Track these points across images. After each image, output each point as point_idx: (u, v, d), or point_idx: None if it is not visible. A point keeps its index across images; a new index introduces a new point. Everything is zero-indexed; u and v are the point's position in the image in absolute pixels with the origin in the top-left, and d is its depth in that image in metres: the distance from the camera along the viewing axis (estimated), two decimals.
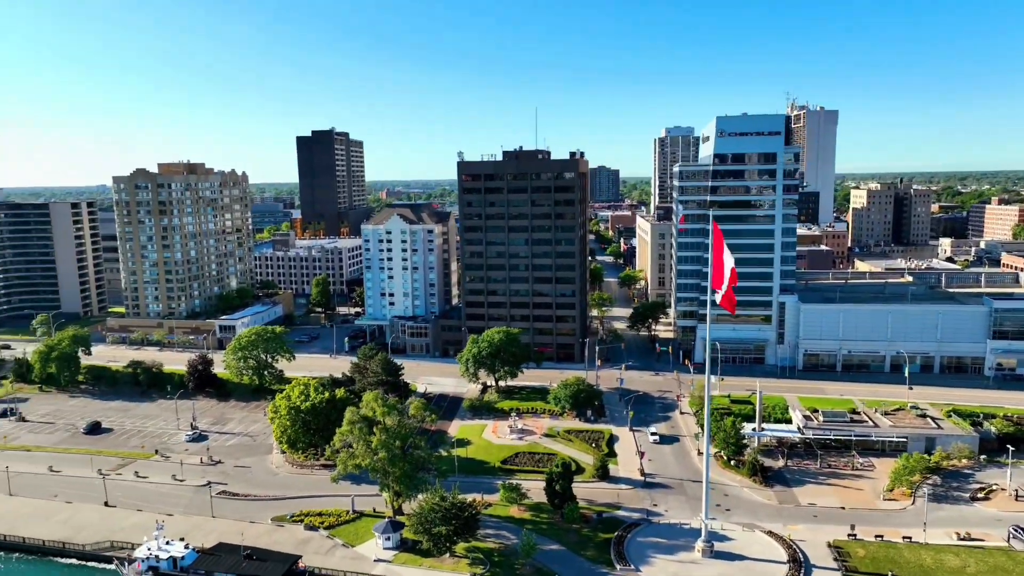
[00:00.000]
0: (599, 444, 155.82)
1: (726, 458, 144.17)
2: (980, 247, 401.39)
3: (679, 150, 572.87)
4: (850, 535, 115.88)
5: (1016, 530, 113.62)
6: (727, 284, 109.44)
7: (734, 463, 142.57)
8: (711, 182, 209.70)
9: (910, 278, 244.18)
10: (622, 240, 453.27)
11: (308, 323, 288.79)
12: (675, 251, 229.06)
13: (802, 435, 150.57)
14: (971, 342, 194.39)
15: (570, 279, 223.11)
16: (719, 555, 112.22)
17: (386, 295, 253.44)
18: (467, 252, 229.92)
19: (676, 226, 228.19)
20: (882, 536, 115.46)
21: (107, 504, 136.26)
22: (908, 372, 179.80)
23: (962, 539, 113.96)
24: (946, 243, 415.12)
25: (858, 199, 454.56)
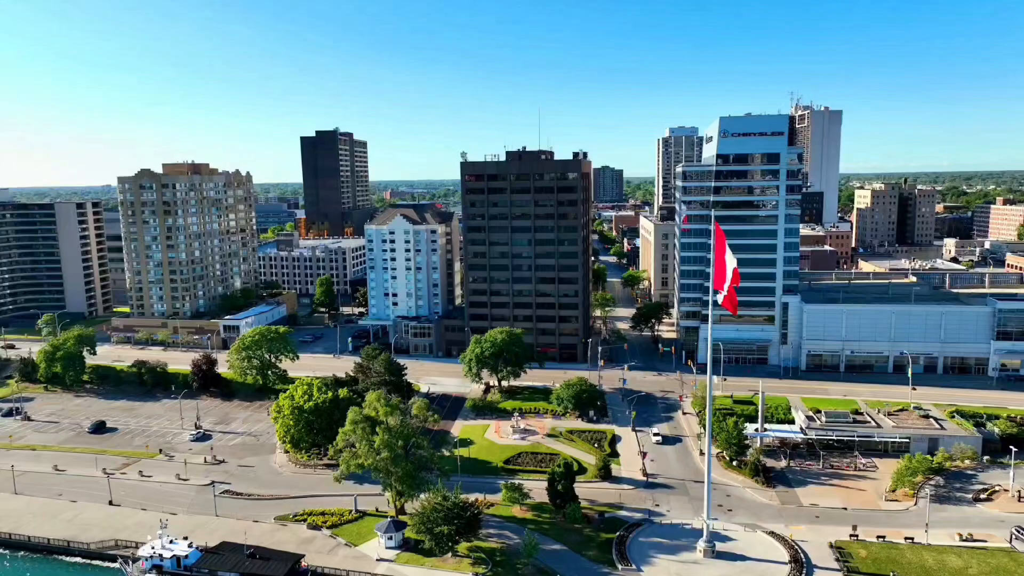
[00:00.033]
0: (601, 444, 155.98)
1: (728, 458, 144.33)
2: (985, 247, 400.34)
3: (682, 150, 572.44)
4: (852, 536, 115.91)
5: (1019, 531, 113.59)
6: (729, 285, 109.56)
7: (736, 463, 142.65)
8: (714, 182, 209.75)
9: (914, 278, 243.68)
10: (625, 240, 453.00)
11: (312, 323, 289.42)
12: (678, 251, 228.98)
13: (805, 436, 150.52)
14: (975, 343, 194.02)
15: (573, 279, 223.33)
16: (721, 555, 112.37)
17: (389, 295, 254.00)
18: (470, 252, 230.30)
19: (679, 226, 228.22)
20: (884, 537, 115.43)
21: (111, 503, 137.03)
22: (911, 373, 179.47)
23: (964, 540, 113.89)
24: (951, 243, 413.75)
25: (862, 199, 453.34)
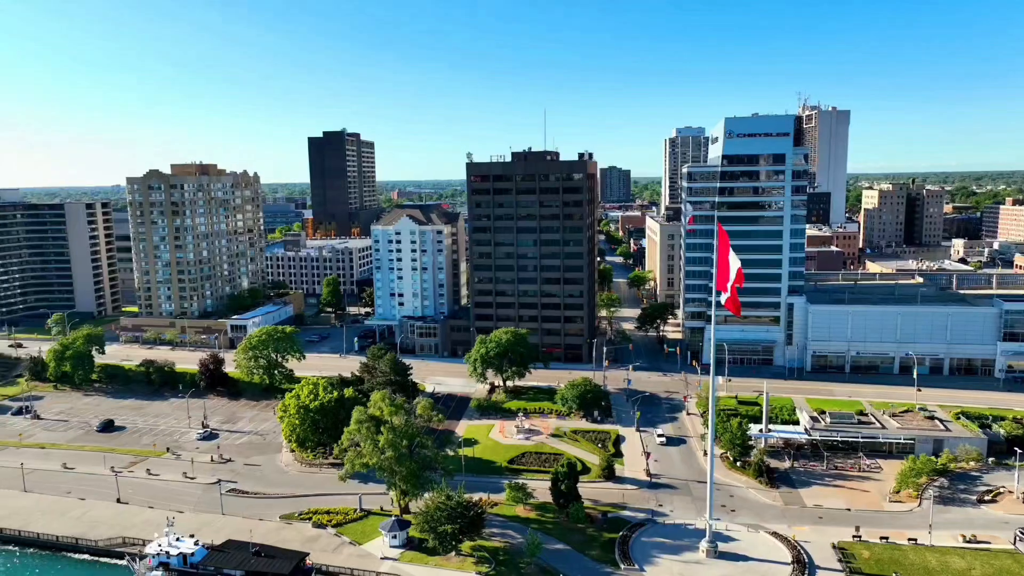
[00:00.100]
0: (605, 444, 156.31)
1: (732, 459, 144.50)
2: (993, 248, 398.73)
3: (689, 150, 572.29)
4: (855, 537, 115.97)
5: (1023, 533, 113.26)
6: (732, 286, 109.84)
7: (740, 464, 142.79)
8: (720, 183, 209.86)
9: (921, 279, 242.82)
10: (632, 241, 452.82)
11: (318, 323, 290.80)
12: (684, 252, 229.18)
13: (809, 436, 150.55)
14: (981, 344, 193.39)
15: (578, 280, 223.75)
16: (723, 555, 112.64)
17: (395, 295, 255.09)
18: (476, 253, 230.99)
19: (685, 227, 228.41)
20: (887, 538, 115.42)
21: (119, 501, 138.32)
22: (916, 374, 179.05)
23: (968, 541, 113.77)
24: (959, 244, 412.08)
25: (870, 200, 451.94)
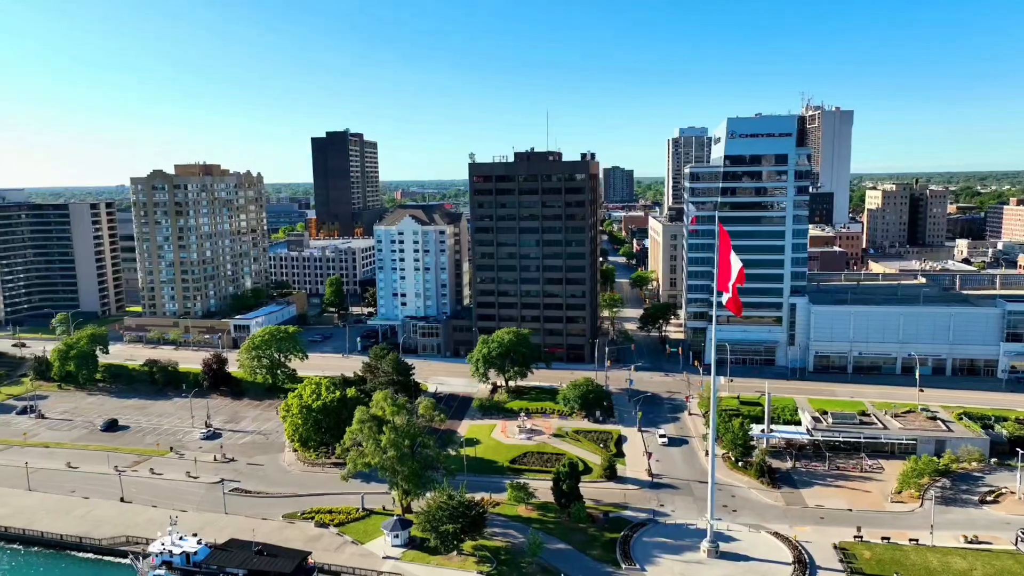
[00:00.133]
0: (607, 444, 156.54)
1: (734, 459, 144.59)
2: (997, 248, 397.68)
3: (692, 151, 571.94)
4: (856, 537, 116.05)
5: None
6: (733, 286, 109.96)
7: (742, 464, 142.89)
8: (722, 183, 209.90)
9: (924, 280, 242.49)
10: (635, 241, 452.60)
11: (321, 323, 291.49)
12: (686, 252, 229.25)
13: (811, 437, 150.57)
14: (984, 344, 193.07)
15: (580, 280, 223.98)
16: (724, 555, 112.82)
17: (398, 295, 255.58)
18: (478, 253, 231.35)
19: (687, 227, 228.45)
20: (888, 538, 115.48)
21: (123, 500, 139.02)
22: (919, 374, 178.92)
23: (969, 542, 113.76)
24: (963, 244, 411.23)
25: (873, 200, 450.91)
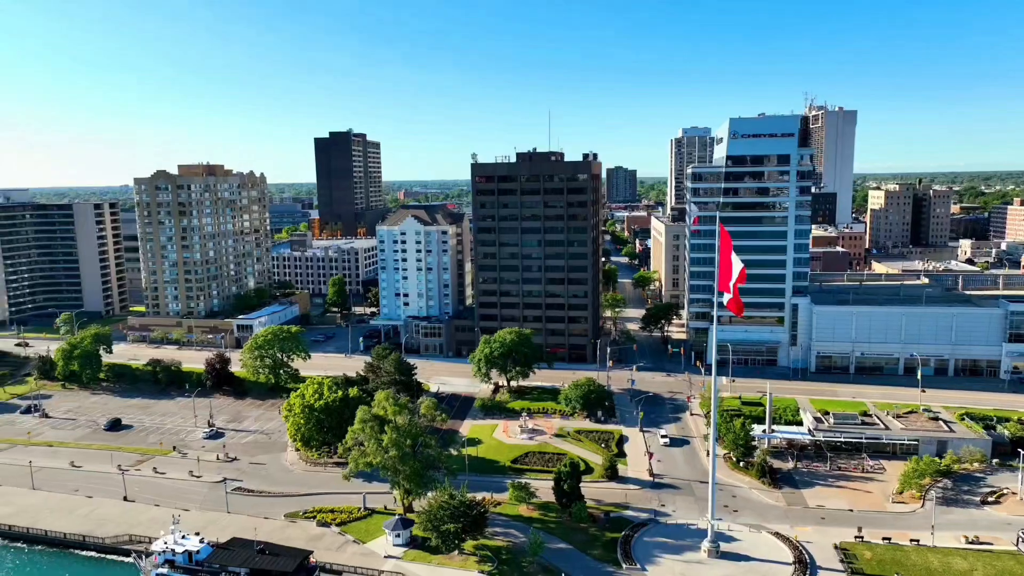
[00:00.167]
0: (609, 444, 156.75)
1: (735, 459, 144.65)
2: (1001, 249, 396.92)
3: (695, 151, 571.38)
4: (857, 537, 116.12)
5: None
6: (734, 288, 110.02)
7: (743, 464, 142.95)
8: (724, 183, 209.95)
9: (926, 280, 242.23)
10: (637, 241, 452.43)
11: (324, 323, 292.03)
12: (688, 252, 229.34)
13: (812, 437, 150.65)
14: (986, 345, 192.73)
15: (583, 280, 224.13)
16: (725, 555, 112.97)
17: (401, 295, 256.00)
18: (480, 253, 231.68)
19: (690, 227, 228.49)
20: (889, 538, 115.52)
21: (126, 499, 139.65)
22: (921, 375, 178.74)
23: (970, 543, 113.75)
24: (966, 244, 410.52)
25: (876, 200, 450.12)
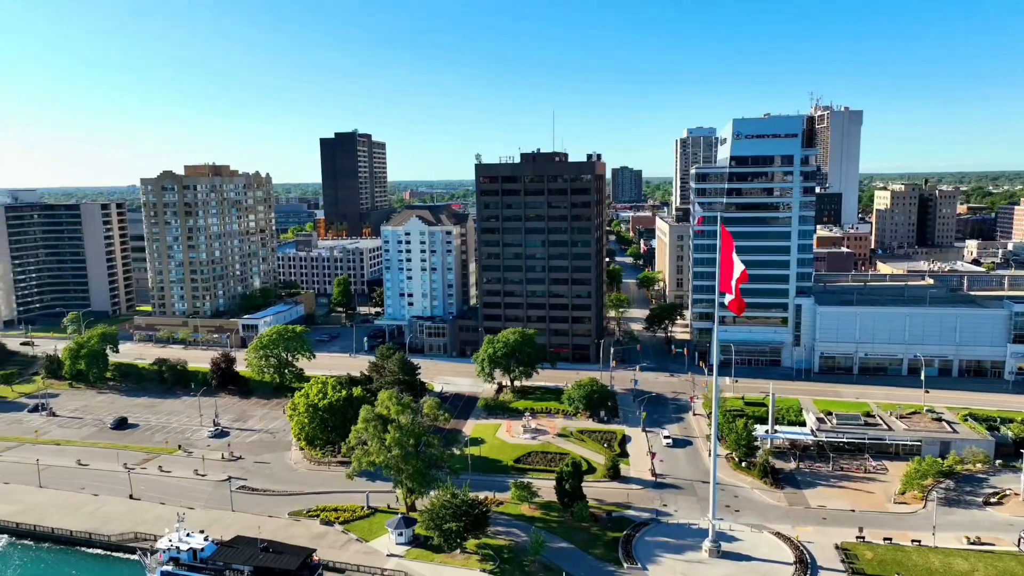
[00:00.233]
0: (611, 444, 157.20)
1: (737, 460, 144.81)
2: (1007, 249, 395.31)
3: (701, 151, 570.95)
4: (858, 537, 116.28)
5: None
6: (735, 289, 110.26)
7: (745, 465, 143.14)
8: (727, 184, 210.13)
9: (931, 281, 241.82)
10: (642, 241, 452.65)
11: (329, 323, 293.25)
12: (692, 253, 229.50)
13: (815, 438, 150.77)
14: (991, 346, 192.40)
15: (586, 280, 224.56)
16: (726, 555, 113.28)
17: (405, 295, 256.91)
18: (484, 253, 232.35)
19: (693, 227, 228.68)
20: (891, 539, 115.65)
21: (132, 497, 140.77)
22: (925, 375, 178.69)
23: (972, 543, 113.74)
24: (972, 245, 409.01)
25: (882, 200, 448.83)
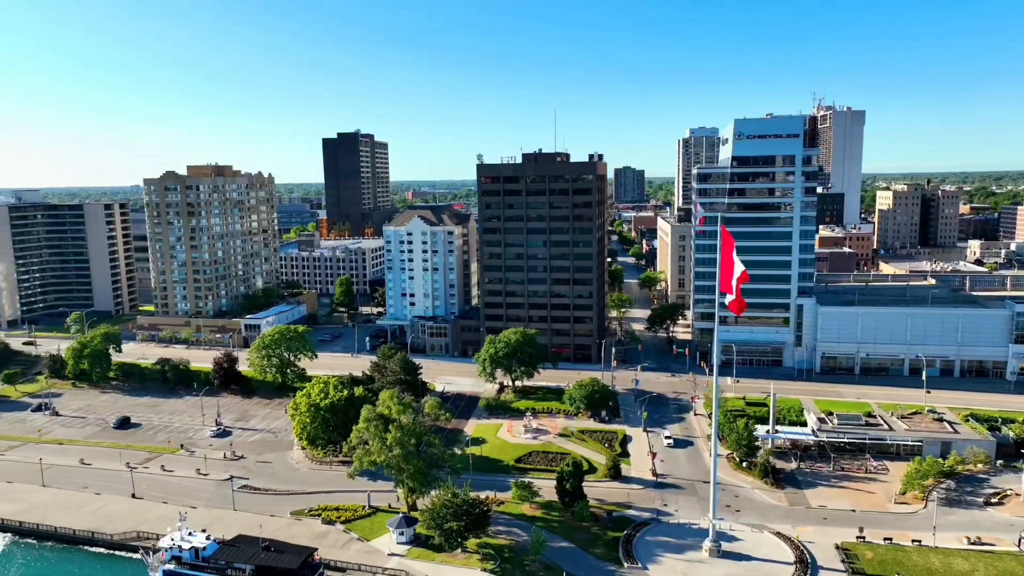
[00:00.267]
0: (612, 444, 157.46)
1: (738, 460, 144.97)
2: (1010, 249, 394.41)
3: (703, 151, 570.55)
4: (859, 537, 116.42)
5: None
6: (736, 289, 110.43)
7: (746, 465, 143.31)
8: (729, 184, 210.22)
9: (933, 281, 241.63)
10: (644, 241, 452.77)
11: (331, 323, 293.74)
12: (694, 253, 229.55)
13: (816, 438, 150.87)
14: (992, 346, 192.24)
15: (588, 280, 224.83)
16: (726, 555, 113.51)
17: (407, 295, 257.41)
18: (486, 253, 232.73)
19: (695, 228, 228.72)
20: (891, 539, 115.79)
21: (134, 496, 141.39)
22: (926, 376, 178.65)
23: (972, 543, 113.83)
24: (975, 245, 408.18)
25: (884, 200, 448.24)
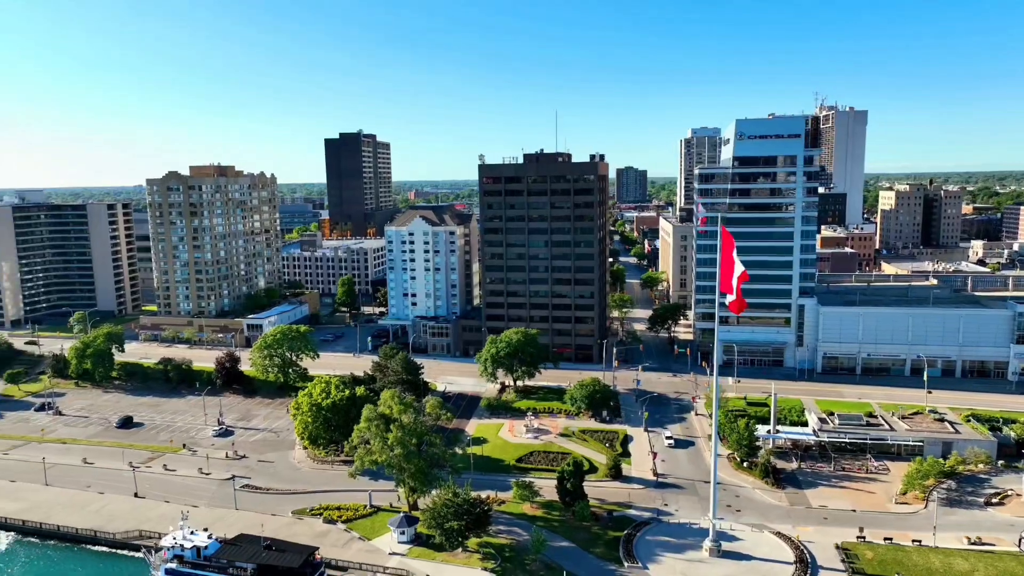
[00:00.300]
0: (613, 444, 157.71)
1: (739, 460, 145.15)
2: (1013, 249, 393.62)
3: (705, 151, 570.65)
4: (859, 537, 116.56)
5: None
6: (736, 290, 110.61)
7: (747, 464, 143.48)
8: (730, 184, 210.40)
9: (935, 281, 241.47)
10: (646, 241, 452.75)
11: (333, 322, 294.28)
12: (695, 253, 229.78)
13: (817, 438, 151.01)
14: (994, 346, 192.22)
15: (589, 280, 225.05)
16: (727, 555, 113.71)
17: (409, 295, 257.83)
18: (488, 253, 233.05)
19: (697, 228, 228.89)
20: (891, 539, 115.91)
21: (137, 495, 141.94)
22: (927, 376, 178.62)
23: (972, 544, 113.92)
24: (978, 245, 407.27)
25: (886, 201, 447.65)
